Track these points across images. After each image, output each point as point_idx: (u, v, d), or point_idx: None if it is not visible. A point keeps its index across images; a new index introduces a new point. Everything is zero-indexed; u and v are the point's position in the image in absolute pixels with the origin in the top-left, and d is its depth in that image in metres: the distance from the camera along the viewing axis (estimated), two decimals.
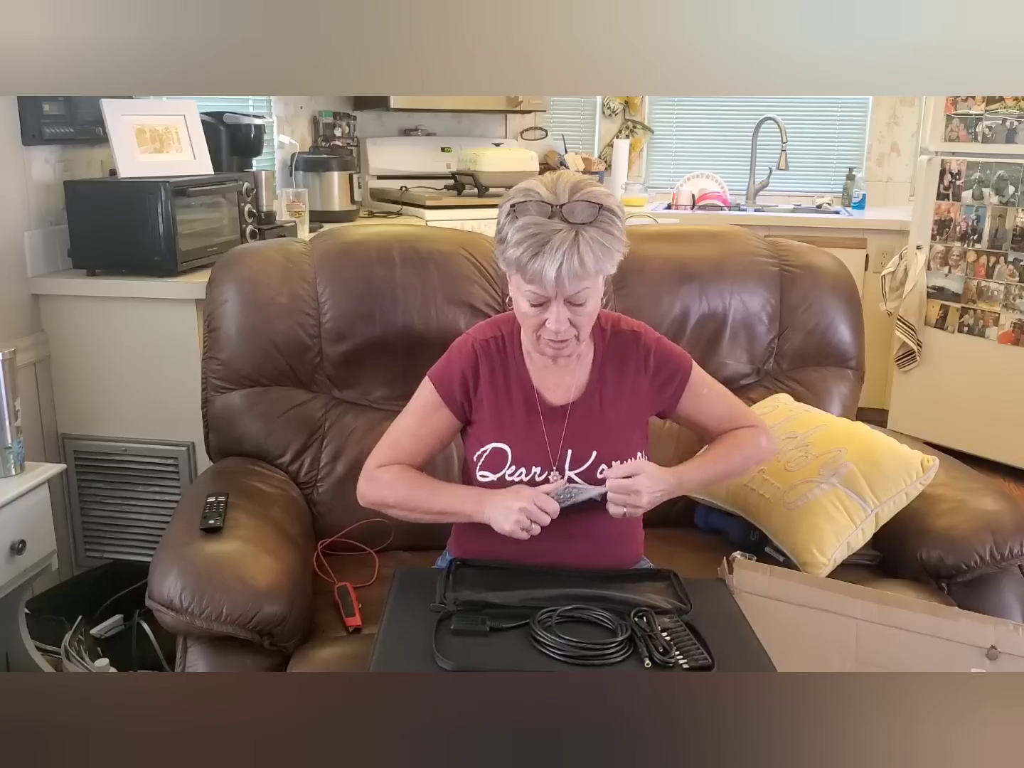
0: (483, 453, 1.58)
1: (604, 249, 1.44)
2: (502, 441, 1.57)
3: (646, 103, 4.83)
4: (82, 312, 2.42)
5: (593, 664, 1.26)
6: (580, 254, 1.41)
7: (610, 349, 1.62)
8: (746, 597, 1.56)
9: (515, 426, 1.57)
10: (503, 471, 1.56)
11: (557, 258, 1.40)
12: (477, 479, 1.58)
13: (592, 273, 1.44)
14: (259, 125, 3.07)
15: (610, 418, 1.59)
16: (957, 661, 1.56)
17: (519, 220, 1.44)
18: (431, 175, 4.04)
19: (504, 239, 1.47)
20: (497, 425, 1.58)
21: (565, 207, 1.42)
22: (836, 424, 2.02)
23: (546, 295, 1.44)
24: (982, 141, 3.60)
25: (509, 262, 1.46)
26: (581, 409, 1.59)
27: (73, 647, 2.05)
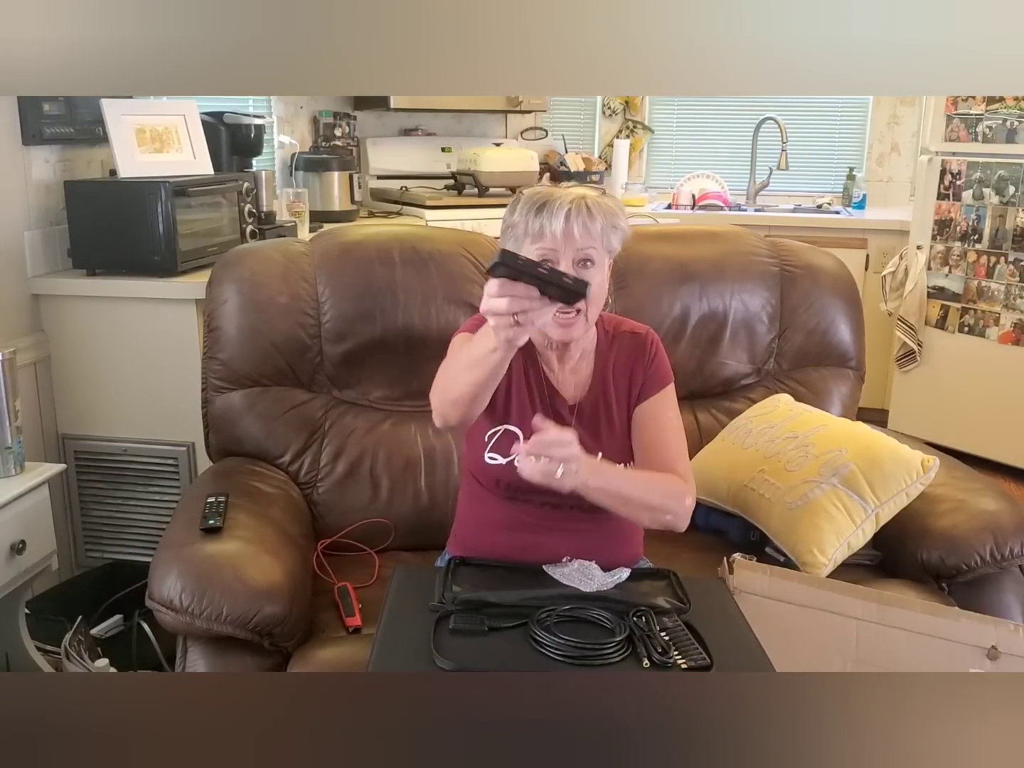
0: (494, 434, 1.57)
1: (611, 213, 1.48)
2: (514, 424, 1.57)
3: (646, 103, 4.83)
4: (82, 312, 2.42)
5: (592, 664, 1.26)
6: (588, 207, 1.45)
7: (613, 350, 1.62)
8: (746, 597, 1.56)
9: (526, 414, 1.56)
10: (513, 456, 1.55)
11: (565, 207, 1.44)
12: (485, 461, 1.57)
13: (599, 233, 1.46)
14: (259, 125, 3.07)
15: (615, 421, 1.59)
16: (957, 661, 1.56)
17: (524, 196, 1.49)
18: (431, 175, 4.03)
19: (510, 223, 1.49)
20: (509, 408, 1.58)
21: (571, 187, 1.51)
22: (836, 424, 2.02)
23: (554, 249, 1.45)
24: (982, 141, 3.60)
25: (515, 229, 1.47)
26: (587, 409, 1.59)
27: (73, 647, 2.05)
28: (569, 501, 1.56)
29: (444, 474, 2.04)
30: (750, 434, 2.05)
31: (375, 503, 2.00)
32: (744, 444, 2.03)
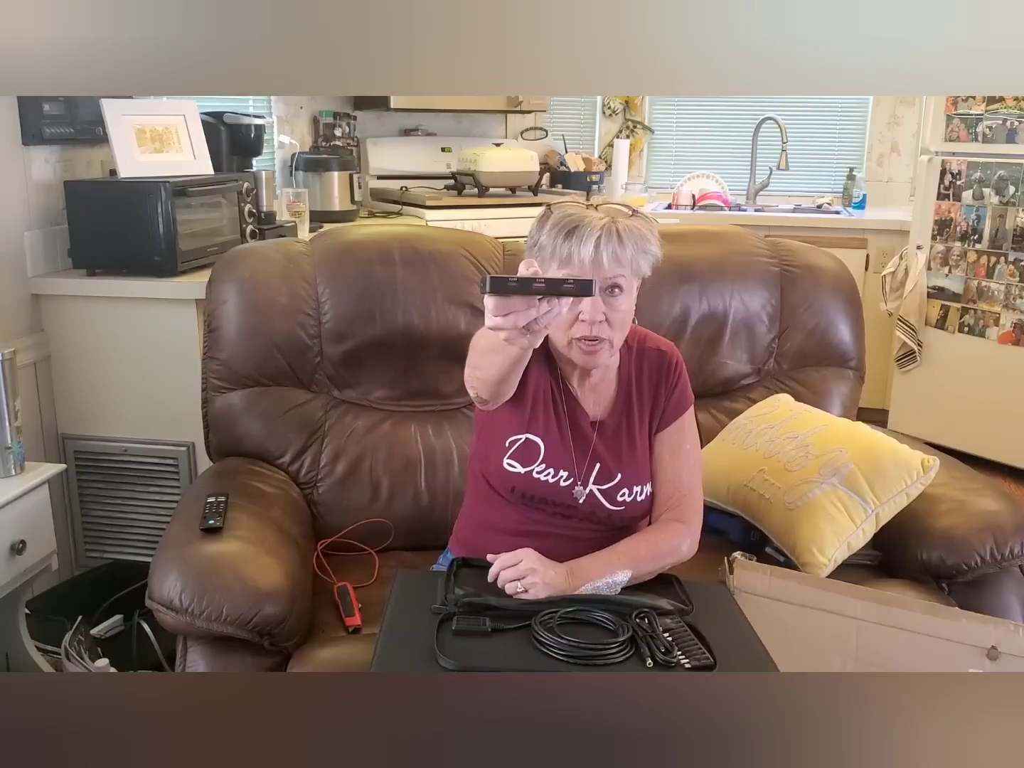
0: (516, 441, 1.54)
1: (642, 238, 1.44)
2: (537, 435, 1.54)
3: (646, 103, 4.84)
4: (82, 312, 2.42)
5: (595, 664, 1.26)
6: (619, 233, 1.42)
7: (637, 368, 1.60)
8: (746, 597, 1.56)
9: (550, 425, 1.55)
10: (532, 466, 1.53)
11: (595, 233, 1.40)
12: (504, 467, 1.54)
13: (629, 260, 1.43)
14: (259, 125, 3.07)
15: (637, 442, 1.58)
16: (957, 661, 1.56)
17: (553, 215, 1.44)
18: (431, 175, 4.03)
19: (537, 242, 1.45)
20: (535, 417, 1.55)
21: (601, 207, 1.46)
22: (836, 424, 2.02)
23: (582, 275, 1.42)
24: (982, 141, 3.60)
25: (543, 251, 1.43)
26: (610, 428, 1.58)
27: (73, 647, 2.05)
28: (581, 512, 1.56)
29: (444, 474, 2.04)
30: (750, 434, 2.05)
31: (375, 503, 2.00)
32: (744, 444, 2.03)
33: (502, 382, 1.37)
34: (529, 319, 1.11)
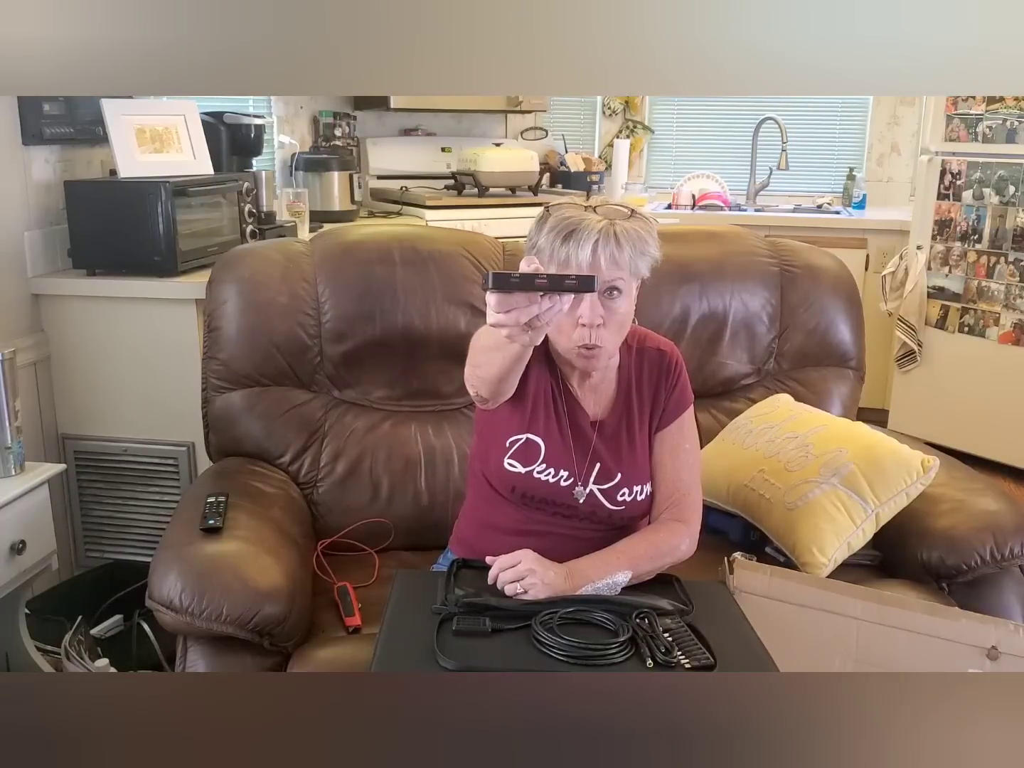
0: (517, 441, 1.54)
1: (640, 240, 1.43)
2: (538, 435, 1.54)
3: (646, 103, 4.84)
4: (82, 312, 2.42)
5: (596, 664, 1.26)
6: (616, 236, 1.41)
7: (637, 368, 1.60)
8: (746, 597, 1.56)
9: (551, 425, 1.55)
10: (533, 466, 1.54)
11: (592, 236, 1.40)
12: (504, 467, 1.55)
13: (627, 262, 1.42)
14: (259, 125, 3.07)
15: (637, 442, 1.58)
16: (957, 661, 1.56)
17: (551, 217, 1.44)
18: (431, 175, 4.04)
19: (535, 245, 1.45)
20: (535, 417, 1.55)
21: (599, 208, 1.45)
22: (836, 424, 2.02)
23: None
24: (982, 141, 3.60)
25: (541, 253, 1.43)
26: (610, 428, 1.58)
27: (73, 647, 2.05)
28: (581, 511, 1.56)
29: (444, 474, 2.04)
30: (750, 434, 2.05)
31: (375, 503, 2.00)
32: (744, 444, 2.03)
33: (502, 381, 1.38)
34: (531, 315, 1.11)
